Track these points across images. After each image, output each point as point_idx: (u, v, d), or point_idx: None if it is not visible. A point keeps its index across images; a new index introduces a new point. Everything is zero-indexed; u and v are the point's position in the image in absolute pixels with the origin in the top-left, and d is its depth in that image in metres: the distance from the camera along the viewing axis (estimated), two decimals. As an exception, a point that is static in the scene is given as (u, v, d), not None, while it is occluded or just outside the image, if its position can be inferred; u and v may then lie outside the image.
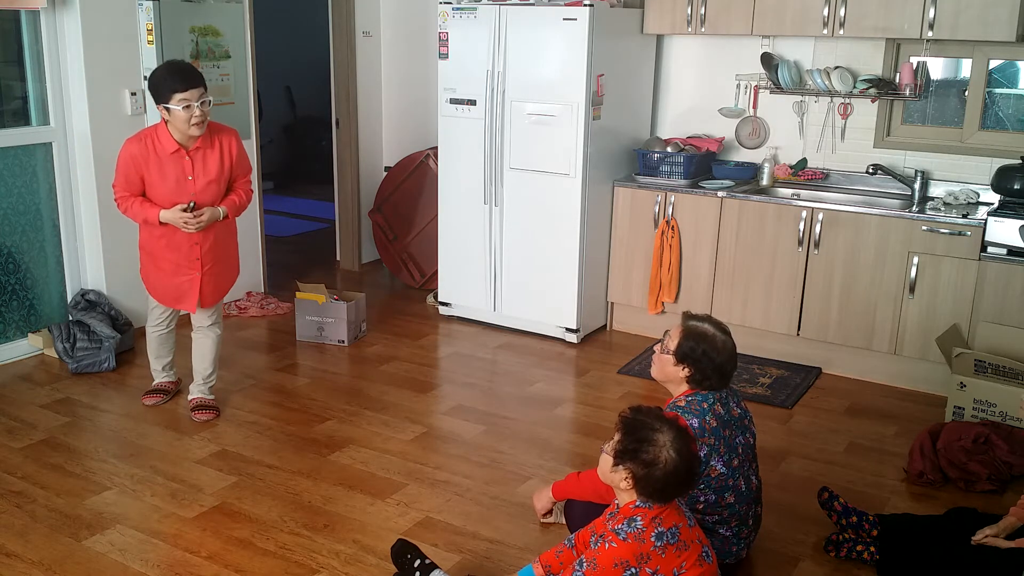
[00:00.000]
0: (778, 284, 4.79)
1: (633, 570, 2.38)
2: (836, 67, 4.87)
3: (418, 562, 2.84)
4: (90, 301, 4.87)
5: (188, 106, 3.62)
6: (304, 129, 9.94)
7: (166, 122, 3.71)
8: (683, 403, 2.84)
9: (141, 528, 3.20)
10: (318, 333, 5.11)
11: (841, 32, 4.59)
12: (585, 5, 4.68)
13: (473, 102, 5.12)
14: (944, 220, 4.35)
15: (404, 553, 2.89)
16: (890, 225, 4.47)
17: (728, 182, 5.03)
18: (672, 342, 2.88)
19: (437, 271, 5.65)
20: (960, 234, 4.30)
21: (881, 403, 4.46)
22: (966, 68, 4.74)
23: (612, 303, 5.41)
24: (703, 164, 5.16)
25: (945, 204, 4.55)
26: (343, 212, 6.62)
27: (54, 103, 4.72)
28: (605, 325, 5.46)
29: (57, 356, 4.68)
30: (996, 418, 3.93)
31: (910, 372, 4.59)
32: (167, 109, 3.65)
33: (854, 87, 4.80)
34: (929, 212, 4.43)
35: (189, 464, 3.68)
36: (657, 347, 2.96)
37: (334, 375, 4.68)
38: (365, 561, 3.03)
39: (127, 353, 4.82)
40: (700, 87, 5.38)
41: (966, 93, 4.74)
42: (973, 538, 2.93)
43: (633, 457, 2.39)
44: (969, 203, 4.59)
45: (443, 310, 5.60)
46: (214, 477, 3.58)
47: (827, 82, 4.83)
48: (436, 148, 5.60)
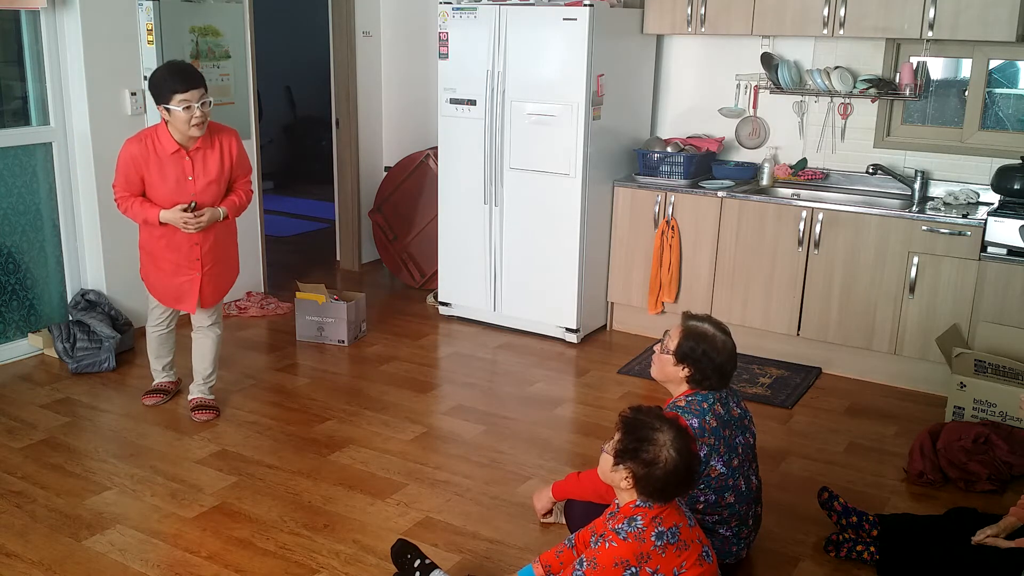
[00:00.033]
0: (778, 284, 4.79)
1: (633, 569, 2.38)
2: (836, 67, 4.87)
3: (418, 562, 2.84)
4: (90, 301, 4.87)
5: (188, 107, 3.62)
6: (304, 129, 9.94)
7: (166, 122, 3.70)
8: (683, 403, 2.84)
9: (141, 528, 3.20)
10: (318, 333, 5.11)
11: (841, 32, 4.59)
12: (585, 5, 4.68)
13: (473, 102, 5.12)
14: (944, 220, 4.35)
15: (404, 553, 2.89)
16: (890, 225, 4.47)
17: (728, 182, 5.03)
18: (672, 342, 2.88)
19: (437, 271, 5.65)
20: (960, 234, 4.31)
21: (881, 403, 4.46)
22: (966, 68, 4.74)
23: (612, 303, 5.41)
24: (703, 164, 5.16)
25: (945, 204, 4.55)
26: (343, 212, 6.62)
27: (54, 103, 4.72)
28: (605, 325, 5.46)
29: (57, 356, 4.68)
30: (996, 418, 3.93)
31: (910, 372, 4.59)
32: (167, 110, 3.64)
33: (854, 87, 4.80)
34: (929, 212, 4.43)
35: (189, 464, 3.68)
36: (657, 347, 2.96)
37: (334, 375, 4.68)
38: (365, 561, 3.03)
39: (127, 353, 4.82)
40: (700, 87, 5.38)
41: (966, 93, 4.74)
42: (973, 538, 2.93)
43: (633, 456, 2.39)
44: (969, 203, 4.59)
45: (443, 310, 5.60)
46: (214, 477, 3.58)
47: (827, 82, 4.83)
48: (436, 148, 5.60)
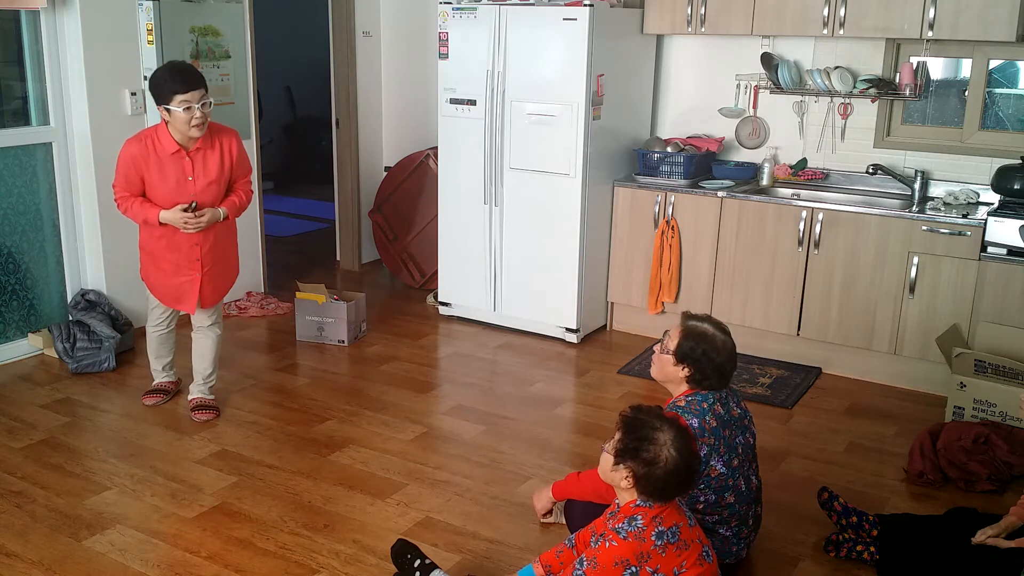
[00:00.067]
0: (778, 284, 4.79)
1: (633, 569, 2.38)
2: (836, 67, 4.87)
3: (418, 562, 2.84)
4: (90, 301, 4.87)
5: (189, 108, 3.62)
6: (304, 129, 9.94)
7: (166, 123, 3.70)
8: (683, 403, 2.84)
9: (141, 528, 3.20)
10: (318, 333, 5.11)
11: (841, 32, 4.59)
12: (585, 5, 4.68)
13: (473, 102, 5.12)
14: (944, 220, 4.35)
15: (404, 553, 2.89)
16: (890, 225, 4.47)
17: (728, 182, 5.03)
18: (672, 342, 2.88)
19: (437, 271, 5.65)
20: (960, 234, 4.30)
21: (881, 403, 4.46)
22: (966, 68, 4.74)
23: (612, 303, 5.41)
24: (703, 164, 5.16)
25: (945, 204, 4.55)
26: (343, 212, 6.62)
27: (54, 103, 4.72)
28: (605, 325, 5.46)
29: (57, 356, 4.68)
30: (996, 418, 3.93)
31: (910, 372, 4.59)
32: (168, 110, 3.64)
33: (854, 87, 4.80)
34: (929, 212, 4.43)
35: (189, 464, 3.68)
36: (657, 347, 2.96)
37: (334, 375, 4.68)
38: (365, 561, 3.03)
39: (127, 353, 4.82)
40: (700, 87, 5.38)
41: (966, 93, 4.74)
42: (973, 538, 2.93)
43: (634, 455, 2.39)
44: (969, 203, 4.59)
45: (443, 310, 5.60)
46: (214, 477, 3.58)
47: (827, 82, 4.83)
48: (436, 148, 5.60)
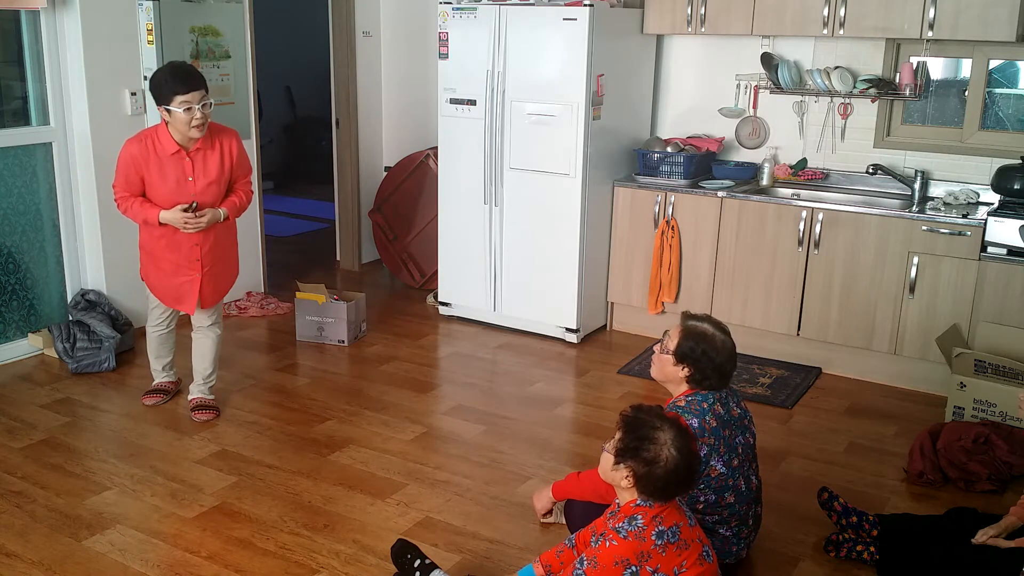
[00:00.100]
0: (778, 284, 4.79)
1: (634, 568, 2.38)
2: (836, 67, 4.87)
3: (418, 562, 2.84)
4: (90, 301, 4.87)
5: (189, 108, 3.62)
6: (304, 129, 9.94)
7: (167, 123, 3.70)
8: (683, 403, 2.84)
9: (141, 528, 3.20)
10: (318, 333, 5.11)
11: (841, 32, 4.59)
12: (585, 5, 4.68)
13: (473, 102, 5.12)
14: (944, 220, 4.35)
15: (404, 553, 2.89)
16: (890, 225, 4.47)
17: (728, 182, 5.03)
18: (672, 342, 2.88)
19: (437, 271, 5.65)
20: (960, 234, 4.31)
21: (881, 403, 4.46)
22: (966, 68, 4.74)
23: (612, 303, 5.41)
24: (703, 164, 5.16)
25: (945, 204, 4.55)
26: (343, 212, 6.62)
27: (54, 103, 4.72)
28: (605, 325, 5.46)
29: (57, 356, 4.68)
30: (996, 418, 3.93)
31: (910, 372, 4.59)
32: (168, 111, 3.64)
33: (854, 87, 4.80)
34: (929, 212, 4.43)
35: (189, 464, 3.68)
36: (657, 347, 2.96)
37: (334, 375, 4.68)
38: (365, 561, 3.03)
39: (127, 353, 4.82)
40: (700, 87, 5.38)
41: (966, 93, 4.74)
42: (973, 539, 2.93)
43: (634, 455, 2.39)
44: (969, 203, 4.59)
45: (443, 310, 5.60)
46: (214, 477, 3.58)
47: (827, 82, 4.83)
48: (436, 148, 5.60)
